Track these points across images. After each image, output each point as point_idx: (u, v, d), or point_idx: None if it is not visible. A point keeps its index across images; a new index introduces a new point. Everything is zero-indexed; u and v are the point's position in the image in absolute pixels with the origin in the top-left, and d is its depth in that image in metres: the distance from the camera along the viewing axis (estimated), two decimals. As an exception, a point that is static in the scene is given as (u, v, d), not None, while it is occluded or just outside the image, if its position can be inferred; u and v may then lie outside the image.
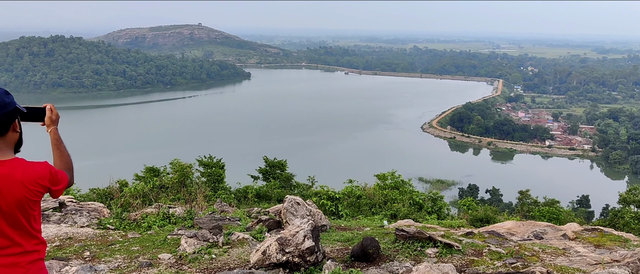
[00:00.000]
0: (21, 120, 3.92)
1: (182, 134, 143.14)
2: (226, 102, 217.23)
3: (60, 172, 3.89)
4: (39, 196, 3.70)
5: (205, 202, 15.78)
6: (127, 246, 9.16)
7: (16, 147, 3.81)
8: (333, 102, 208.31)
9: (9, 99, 3.64)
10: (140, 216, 11.56)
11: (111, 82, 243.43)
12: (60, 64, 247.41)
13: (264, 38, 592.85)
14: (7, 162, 3.63)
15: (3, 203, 3.55)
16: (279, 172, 27.71)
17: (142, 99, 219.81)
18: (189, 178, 19.97)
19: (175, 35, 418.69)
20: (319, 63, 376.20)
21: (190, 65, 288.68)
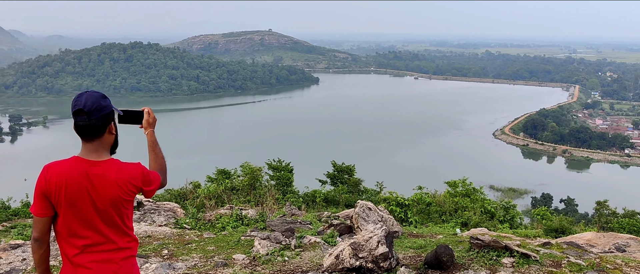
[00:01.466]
0: (121, 122, 4.14)
1: (252, 137, 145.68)
2: (295, 106, 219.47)
3: (152, 173, 4.03)
4: (132, 196, 3.85)
5: (275, 205, 15.97)
6: (202, 245, 9.40)
7: (112, 149, 3.98)
8: (402, 107, 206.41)
9: (105, 103, 3.82)
10: (215, 216, 11.84)
11: (185, 86, 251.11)
12: (139, 69, 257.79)
13: (332, 43, 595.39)
14: (103, 163, 3.80)
15: (98, 202, 3.73)
16: (347, 177, 27.62)
17: (214, 103, 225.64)
18: (258, 181, 20.25)
19: (246, 41, 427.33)
20: (388, 68, 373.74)
21: (260, 70, 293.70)
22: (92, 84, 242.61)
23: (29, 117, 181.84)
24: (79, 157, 3.83)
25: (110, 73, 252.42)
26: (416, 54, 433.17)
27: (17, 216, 17.36)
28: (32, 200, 15.78)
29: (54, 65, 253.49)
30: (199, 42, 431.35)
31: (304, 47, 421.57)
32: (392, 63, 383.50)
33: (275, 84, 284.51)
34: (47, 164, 3.87)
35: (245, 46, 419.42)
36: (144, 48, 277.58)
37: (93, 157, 3.81)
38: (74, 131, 3.84)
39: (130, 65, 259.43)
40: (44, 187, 3.76)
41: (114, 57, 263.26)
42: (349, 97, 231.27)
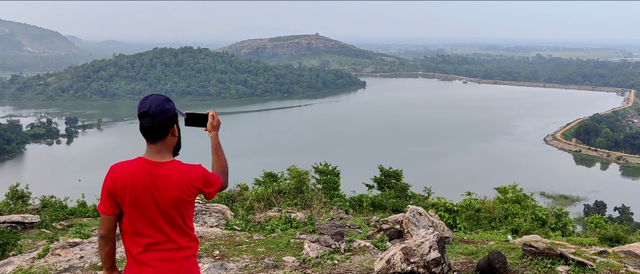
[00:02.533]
0: (187, 124, 4.29)
1: (298, 141, 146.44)
2: (341, 110, 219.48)
3: (213, 175, 4.10)
4: (192, 197, 3.94)
5: (323, 209, 16.00)
6: (253, 247, 9.52)
7: (175, 151, 4.09)
8: (450, 111, 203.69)
9: (169, 106, 3.93)
10: (264, 219, 11.96)
11: (234, 90, 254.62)
12: (189, 73, 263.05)
13: (380, 47, 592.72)
14: (166, 164, 3.91)
15: (161, 202, 3.84)
16: (394, 182, 27.41)
17: (261, 107, 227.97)
18: (305, 185, 20.31)
19: (293, 45, 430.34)
20: (436, 72, 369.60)
21: (307, 74, 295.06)
22: (144, 88, 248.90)
23: (84, 119, 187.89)
24: (143, 158, 3.96)
25: (161, 77, 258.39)
26: (465, 57, 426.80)
27: (73, 215, 17.96)
28: (87, 200, 16.38)
29: (108, 69, 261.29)
30: (247, 46, 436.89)
31: (351, 51, 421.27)
32: (440, 67, 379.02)
33: (321, 88, 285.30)
34: (113, 165, 4.02)
35: (292, 50, 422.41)
36: (194, 53, 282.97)
37: (156, 159, 3.92)
38: (140, 132, 3.96)
39: (180, 70, 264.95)
40: (110, 186, 3.91)
41: (165, 61, 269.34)
42: (396, 101, 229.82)
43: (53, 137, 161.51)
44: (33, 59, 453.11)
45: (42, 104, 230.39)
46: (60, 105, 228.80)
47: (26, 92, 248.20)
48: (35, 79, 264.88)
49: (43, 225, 15.52)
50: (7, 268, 9.26)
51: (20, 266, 9.29)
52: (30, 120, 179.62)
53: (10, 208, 17.21)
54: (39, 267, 9.13)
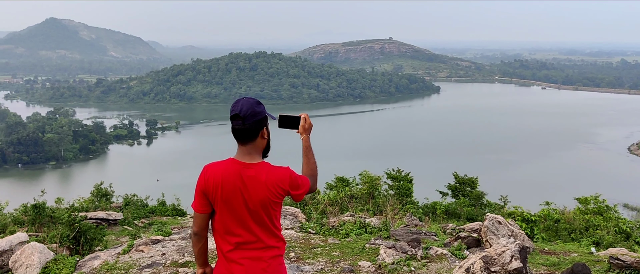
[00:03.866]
0: (280, 126, 4.42)
1: (370, 146, 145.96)
2: (414, 115, 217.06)
3: (302, 177, 4.18)
4: (280, 198, 4.02)
5: (394, 214, 15.84)
6: (328, 250, 9.55)
7: (264, 153, 4.19)
8: (528, 118, 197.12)
9: (259, 108, 4.04)
10: (338, 223, 11.98)
11: (306, 95, 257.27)
12: (262, 77, 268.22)
13: (454, 51, 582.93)
14: (255, 166, 4.01)
15: (250, 202, 3.95)
16: (469, 190, 26.78)
17: (332, 111, 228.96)
18: (377, 190, 20.18)
19: (366, 50, 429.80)
20: (513, 77, 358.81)
21: (379, 78, 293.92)
22: (219, 92, 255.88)
23: (163, 122, 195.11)
24: (234, 159, 4.08)
25: (236, 81, 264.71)
26: (544, 62, 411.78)
27: (153, 214, 18.63)
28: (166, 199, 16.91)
29: (187, 73, 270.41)
30: (320, 51, 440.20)
31: (425, 56, 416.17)
32: (517, 72, 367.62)
33: (394, 92, 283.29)
34: (206, 165, 4.15)
35: (365, 55, 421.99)
36: (268, 57, 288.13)
37: (246, 160, 4.03)
38: (232, 134, 4.06)
39: (254, 74, 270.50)
40: (203, 185, 4.06)
41: (240, 66, 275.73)
42: (471, 107, 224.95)
43: (134, 139, 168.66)
44: (117, 63, 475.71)
45: (125, 107, 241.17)
46: (141, 107, 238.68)
47: (110, 95, 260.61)
48: (118, 83, 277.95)
49: (126, 222, 16.20)
50: (95, 262, 9.72)
51: (106, 260, 9.73)
52: (114, 122, 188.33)
53: (95, 205, 18.03)
54: (124, 262, 9.53)
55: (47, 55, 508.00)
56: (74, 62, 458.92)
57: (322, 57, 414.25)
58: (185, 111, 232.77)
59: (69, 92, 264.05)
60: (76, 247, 11.08)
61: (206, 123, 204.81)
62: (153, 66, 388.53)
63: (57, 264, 9.52)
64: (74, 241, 11.07)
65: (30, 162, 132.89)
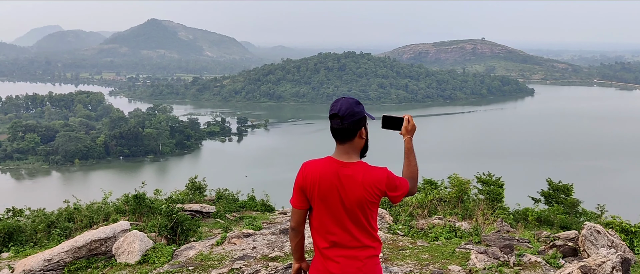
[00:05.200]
0: (383, 127, 4.42)
1: (459, 149, 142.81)
2: (506, 118, 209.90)
3: (400, 179, 4.12)
4: (376, 198, 4.00)
5: (485, 220, 15.41)
6: (416, 253, 9.45)
7: (362, 152, 4.18)
8: (629, 124, 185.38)
9: (358, 109, 4.02)
10: (427, 226, 11.83)
11: (394, 95, 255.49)
12: (350, 77, 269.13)
13: (550, 52, 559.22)
14: (352, 165, 4.02)
15: (346, 201, 3.97)
16: (563, 197, 25.60)
17: (421, 112, 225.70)
18: (466, 194, 19.70)
19: (457, 50, 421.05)
20: (613, 80, 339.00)
21: (470, 80, 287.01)
22: (307, 91, 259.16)
23: (253, 120, 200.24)
24: (332, 158, 4.10)
25: (324, 81, 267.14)
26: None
27: (243, 208, 19.18)
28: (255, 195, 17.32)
29: (276, 73, 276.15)
30: (409, 51, 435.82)
31: (519, 57, 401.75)
32: (618, 75, 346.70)
33: (486, 94, 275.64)
34: (305, 162, 4.21)
35: (456, 55, 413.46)
36: (357, 57, 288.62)
37: (344, 159, 4.05)
38: (330, 132, 4.08)
39: (343, 74, 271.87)
40: (301, 182, 4.12)
41: (328, 66, 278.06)
42: (567, 111, 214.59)
43: (226, 135, 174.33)
44: (211, 63, 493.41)
45: (218, 104, 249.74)
46: (233, 105, 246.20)
47: (204, 93, 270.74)
48: (212, 81, 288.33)
49: (218, 215, 16.78)
50: (190, 252, 10.16)
51: (201, 251, 10.14)
52: (207, 119, 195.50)
53: (190, 197, 18.80)
54: (217, 253, 9.89)
55: (148, 55, 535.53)
56: (172, 61, 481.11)
57: (411, 57, 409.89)
58: (274, 109, 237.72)
59: (167, 90, 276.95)
60: (173, 237, 11.62)
61: (294, 122, 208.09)
62: (245, 66, 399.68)
63: (155, 252, 10.03)
64: (171, 231, 11.61)
65: (130, 155, 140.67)
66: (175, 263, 9.54)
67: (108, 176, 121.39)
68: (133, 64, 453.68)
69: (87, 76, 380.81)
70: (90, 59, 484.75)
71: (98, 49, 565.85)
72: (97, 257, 10.12)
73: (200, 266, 9.21)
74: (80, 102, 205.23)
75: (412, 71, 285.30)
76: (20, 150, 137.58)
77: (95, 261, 10.00)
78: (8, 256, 11.37)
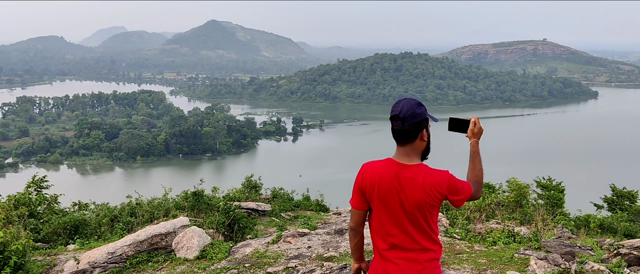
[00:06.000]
0: (450, 129, 4.38)
1: (518, 152, 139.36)
2: (568, 122, 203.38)
3: (462, 183, 4.03)
4: (437, 201, 3.93)
5: (545, 227, 15.00)
6: (474, 257, 9.29)
7: (424, 155, 4.14)
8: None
9: (420, 110, 3.98)
10: (485, 230, 11.62)
11: (451, 97, 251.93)
12: (407, 78, 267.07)
13: (616, 54, 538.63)
14: (413, 167, 3.98)
15: (406, 203, 3.94)
16: (628, 204, 24.63)
17: (479, 114, 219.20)
18: (525, 199, 19.22)
19: (517, 51, 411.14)
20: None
21: (531, 81, 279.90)
22: (363, 92, 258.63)
23: (308, 120, 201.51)
24: (392, 159, 4.07)
25: (380, 82, 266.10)
26: None
27: (298, 208, 19.33)
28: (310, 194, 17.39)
29: (332, 73, 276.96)
30: (468, 52, 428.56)
31: (582, 58, 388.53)
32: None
33: (547, 97, 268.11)
34: (365, 163, 4.19)
35: (516, 56, 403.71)
36: (413, 58, 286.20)
37: (404, 161, 4.01)
38: (391, 134, 4.07)
39: (399, 75, 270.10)
40: (361, 183, 4.12)
41: (385, 66, 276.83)
42: (632, 115, 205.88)
43: (281, 135, 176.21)
44: (268, 63, 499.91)
45: (274, 104, 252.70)
46: (289, 105, 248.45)
47: (261, 92, 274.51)
48: (269, 81, 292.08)
49: (273, 214, 16.99)
50: (247, 249, 10.34)
51: (257, 248, 10.30)
52: (263, 118, 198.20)
53: (246, 195, 19.10)
54: (273, 252, 10.03)
55: (208, 55, 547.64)
56: (230, 61, 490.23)
57: (469, 58, 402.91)
58: (329, 109, 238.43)
59: (225, 90, 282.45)
60: (230, 234, 11.84)
61: (349, 122, 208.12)
62: (301, 66, 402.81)
63: (213, 248, 10.26)
64: (228, 228, 11.85)
65: (189, 153, 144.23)
66: (232, 259, 9.72)
67: (168, 173, 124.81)
68: (193, 64, 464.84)
69: (149, 75, 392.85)
70: (153, 59, 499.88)
71: (160, 49, 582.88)
72: (158, 251, 10.42)
73: (256, 263, 9.35)
74: (142, 100, 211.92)
75: (470, 72, 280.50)
76: (85, 146, 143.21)
77: (155, 255, 10.30)
78: (74, 248, 11.85)
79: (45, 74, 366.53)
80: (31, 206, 13.77)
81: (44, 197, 14.55)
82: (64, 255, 11.03)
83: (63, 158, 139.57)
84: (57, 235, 12.89)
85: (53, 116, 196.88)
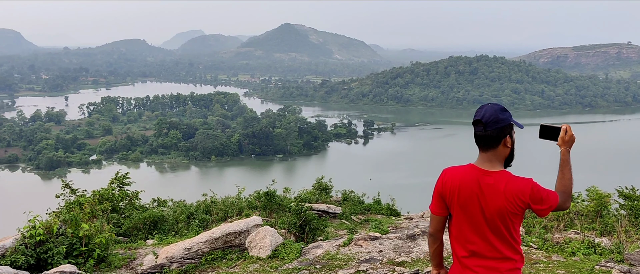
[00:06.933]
0: (540, 136, 4.29)
1: (598, 160, 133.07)
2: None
3: (546, 191, 3.91)
4: (519, 210, 3.84)
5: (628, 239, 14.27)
6: (551, 268, 8.99)
7: (507, 162, 4.03)
8: None
9: (503, 116, 3.91)
10: (563, 240, 11.20)
11: (528, 101, 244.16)
12: (482, 82, 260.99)
13: None
14: (495, 174, 3.90)
15: (486, 210, 3.86)
16: None
17: (557, 120, 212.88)
18: (606, 208, 18.35)
19: (599, 55, 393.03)
20: None
21: (614, 86, 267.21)
22: (436, 95, 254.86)
23: (380, 123, 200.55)
24: (474, 165, 4.01)
25: (454, 85, 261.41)
26: None
27: (369, 211, 19.27)
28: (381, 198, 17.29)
29: (405, 76, 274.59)
30: (547, 55, 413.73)
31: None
32: None
33: (631, 102, 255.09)
34: (445, 168, 4.15)
35: (598, 60, 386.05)
36: (489, 61, 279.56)
37: (486, 167, 3.94)
38: (474, 139, 4.00)
39: (474, 78, 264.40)
40: (440, 188, 4.08)
41: (459, 69, 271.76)
42: None
43: (352, 138, 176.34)
44: (340, 65, 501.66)
45: (345, 107, 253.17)
46: (360, 108, 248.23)
47: (332, 95, 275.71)
48: (340, 84, 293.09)
49: (343, 216, 17.02)
50: (318, 250, 10.43)
51: (328, 250, 10.37)
52: (334, 120, 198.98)
53: (317, 197, 19.23)
54: (344, 254, 10.07)
55: (281, 58, 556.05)
56: (302, 64, 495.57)
57: (548, 61, 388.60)
58: (401, 113, 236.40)
59: (297, 92, 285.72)
60: (301, 234, 11.99)
61: (421, 126, 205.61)
62: (373, 69, 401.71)
63: (285, 248, 10.43)
64: (299, 229, 12.00)
65: (261, 153, 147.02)
66: (303, 260, 9.84)
67: (240, 172, 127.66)
68: (266, 66, 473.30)
69: (224, 77, 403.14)
70: (228, 62, 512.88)
71: (235, 52, 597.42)
72: (232, 249, 10.70)
73: (327, 265, 9.42)
74: (217, 102, 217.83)
75: (549, 76, 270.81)
76: (164, 145, 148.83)
77: (229, 252, 10.58)
78: (152, 242, 12.34)
79: (128, 76, 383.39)
80: (114, 201, 14.47)
81: (126, 193, 15.26)
82: (143, 249, 11.51)
83: (143, 156, 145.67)
84: (137, 230, 13.48)
85: (134, 115, 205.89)
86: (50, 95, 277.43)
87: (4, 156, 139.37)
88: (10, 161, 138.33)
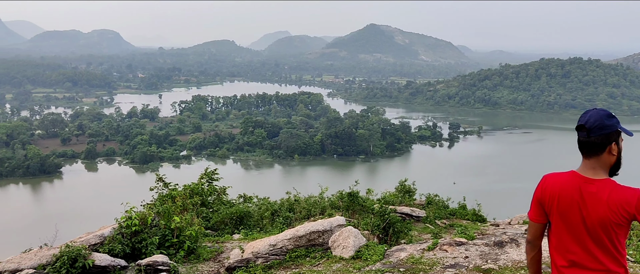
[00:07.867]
0: None
1: None
2: None
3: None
4: (623, 221, 3.64)
5: None
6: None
7: (612, 170, 3.84)
8: None
9: (609, 122, 3.72)
10: None
11: (626, 106, 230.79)
12: (575, 85, 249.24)
13: None
14: (598, 182, 3.73)
15: (588, 219, 3.69)
16: None
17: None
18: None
19: None
20: None
21: None
22: (526, 99, 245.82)
23: (466, 126, 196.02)
24: (575, 172, 3.85)
25: (545, 88, 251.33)
26: None
27: (454, 216, 18.84)
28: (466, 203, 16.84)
29: (493, 79, 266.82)
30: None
31: None
32: None
33: None
34: (546, 175, 4.00)
35: None
36: (583, 64, 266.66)
37: (589, 175, 3.78)
38: (577, 145, 3.85)
39: (566, 82, 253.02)
40: (539, 195, 3.95)
41: (551, 72, 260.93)
42: None
43: (436, 140, 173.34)
44: (426, 67, 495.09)
45: (430, 109, 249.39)
46: (446, 110, 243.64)
47: (417, 97, 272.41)
48: (426, 86, 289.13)
49: (427, 220, 16.74)
50: (401, 253, 10.30)
51: (412, 254, 10.22)
52: (418, 122, 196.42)
53: (400, 200, 19.03)
54: (428, 259, 9.88)
55: (365, 59, 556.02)
56: (387, 65, 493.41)
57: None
58: (488, 116, 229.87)
59: (381, 93, 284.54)
60: (384, 237, 11.90)
61: (509, 130, 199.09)
62: (460, 70, 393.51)
63: (368, 249, 10.38)
64: (383, 231, 11.92)
65: (343, 153, 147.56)
66: (386, 262, 9.75)
67: (322, 172, 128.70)
68: (350, 67, 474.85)
69: (309, 77, 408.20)
70: (313, 62, 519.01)
71: (320, 53, 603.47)
72: (315, 247, 10.78)
73: (411, 269, 9.28)
74: (302, 102, 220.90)
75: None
76: (249, 143, 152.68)
77: (313, 251, 10.66)
78: (239, 237, 12.67)
79: (217, 75, 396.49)
80: (203, 195, 14.99)
81: (215, 188, 15.77)
82: (230, 243, 11.83)
83: (229, 153, 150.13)
84: (224, 224, 13.88)
85: (222, 114, 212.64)
86: (145, 93, 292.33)
87: (103, 150, 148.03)
88: (108, 155, 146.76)
